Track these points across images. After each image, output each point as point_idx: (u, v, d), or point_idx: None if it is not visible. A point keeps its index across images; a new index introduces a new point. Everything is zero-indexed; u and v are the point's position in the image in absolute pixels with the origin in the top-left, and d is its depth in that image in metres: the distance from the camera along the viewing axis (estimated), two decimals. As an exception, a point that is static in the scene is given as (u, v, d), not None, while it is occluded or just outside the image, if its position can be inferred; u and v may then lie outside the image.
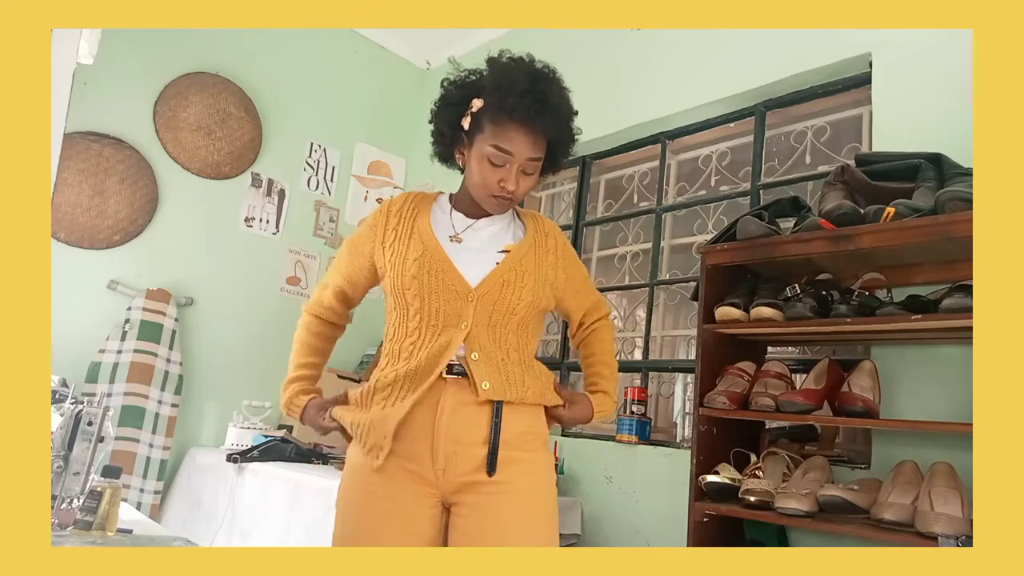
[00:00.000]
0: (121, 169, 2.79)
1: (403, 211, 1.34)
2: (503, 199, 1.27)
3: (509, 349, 1.27)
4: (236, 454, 2.51)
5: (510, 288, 1.26)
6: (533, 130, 1.23)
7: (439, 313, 1.24)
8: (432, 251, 1.26)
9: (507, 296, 1.25)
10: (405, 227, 1.32)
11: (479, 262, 1.28)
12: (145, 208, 2.85)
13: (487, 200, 1.28)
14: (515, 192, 1.26)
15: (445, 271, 1.24)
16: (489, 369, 1.22)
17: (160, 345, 2.76)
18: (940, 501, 1.41)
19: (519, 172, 1.26)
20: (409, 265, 1.26)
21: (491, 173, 1.25)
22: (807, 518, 1.54)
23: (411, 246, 1.28)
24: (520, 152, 1.24)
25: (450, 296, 1.23)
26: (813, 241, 1.64)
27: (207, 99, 3.03)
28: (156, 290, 2.80)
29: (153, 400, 2.71)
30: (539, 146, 1.26)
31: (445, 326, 1.23)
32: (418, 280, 1.24)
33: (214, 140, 3.05)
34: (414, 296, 1.24)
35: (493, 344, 1.25)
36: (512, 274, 1.28)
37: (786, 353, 2.28)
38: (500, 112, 1.21)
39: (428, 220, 1.32)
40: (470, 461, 1.18)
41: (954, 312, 1.39)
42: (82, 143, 2.71)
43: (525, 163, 1.26)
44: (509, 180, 1.25)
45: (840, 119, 2.31)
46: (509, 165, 1.24)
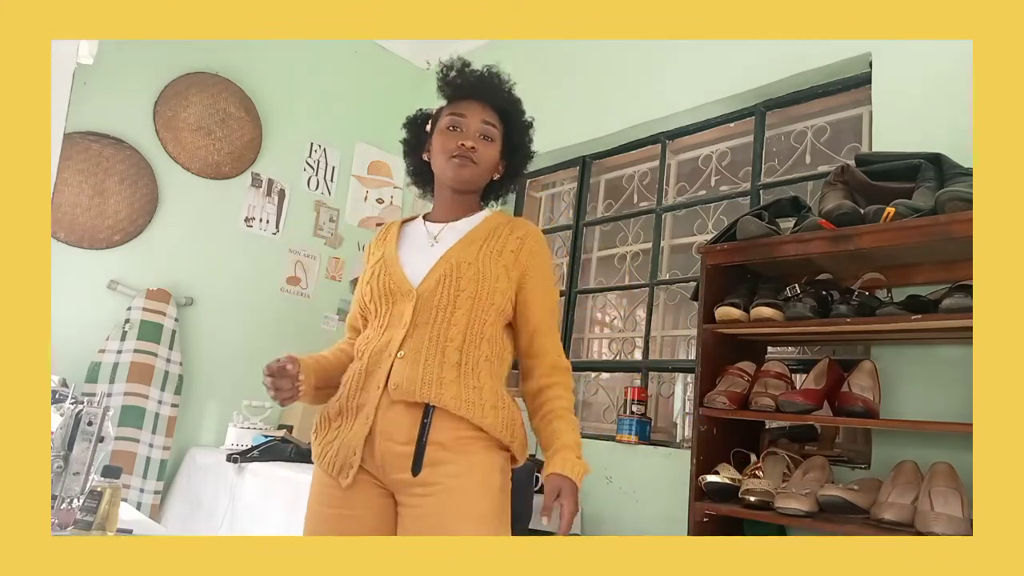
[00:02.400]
0: (121, 169, 2.79)
1: (381, 239, 1.40)
2: (463, 157, 1.29)
3: (449, 347, 1.20)
4: (236, 454, 2.51)
5: (447, 282, 1.24)
6: (480, 97, 1.33)
7: (387, 315, 1.26)
8: (386, 257, 1.31)
9: (445, 291, 1.23)
10: (378, 250, 1.38)
11: (427, 261, 1.28)
12: (145, 208, 2.85)
13: (448, 166, 1.30)
14: (476, 151, 1.29)
15: (391, 273, 1.28)
16: (406, 369, 1.18)
17: (160, 345, 2.76)
18: (940, 501, 1.41)
19: (476, 136, 1.31)
20: (369, 275, 1.32)
21: (450, 139, 1.30)
22: (807, 518, 1.54)
23: (375, 261, 1.34)
24: (472, 112, 1.31)
25: (396, 297, 1.26)
26: (813, 241, 1.64)
27: (207, 99, 3.03)
28: (156, 290, 2.80)
29: (153, 400, 2.71)
30: (490, 113, 1.33)
31: (390, 326, 1.25)
32: (370, 285, 1.29)
33: (214, 140, 3.05)
34: (369, 301, 1.29)
35: (428, 344, 1.20)
36: (447, 266, 1.25)
37: (786, 353, 2.28)
38: (448, 90, 1.34)
39: (395, 236, 1.37)
40: (400, 459, 1.16)
41: (954, 312, 1.39)
42: (82, 143, 2.71)
43: (480, 126, 1.31)
44: (467, 139, 1.29)
45: (840, 119, 2.31)
46: (464, 128, 1.31)
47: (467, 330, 1.22)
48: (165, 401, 2.75)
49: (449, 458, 1.16)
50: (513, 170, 1.43)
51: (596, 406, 2.97)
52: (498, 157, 1.36)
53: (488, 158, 1.33)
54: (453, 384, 1.18)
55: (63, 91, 1.30)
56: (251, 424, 2.84)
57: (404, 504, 1.18)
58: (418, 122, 1.43)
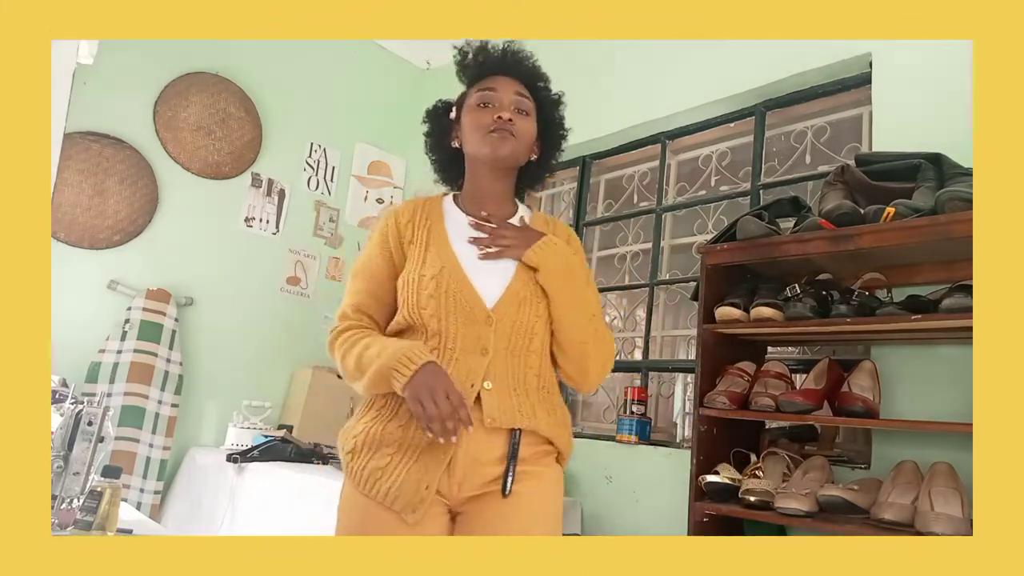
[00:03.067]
0: (121, 169, 2.79)
1: (415, 220, 1.26)
2: (500, 130, 1.21)
3: (528, 375, 1.18)
4: (236, 454, 2.51)
5: (527, 306, 1.18)
6: (508, 71, 1.26)
7: (457, 337, 1.15)
8: (450, 267, 1.18)
9: (524, 316, 1.17)
10: (419, 237, 1.24)
11: (496, 274, 1.20)
12: (145, 208, 2.85)
13: (486, 142, 1.22)
14: (513, 124, 1.21)
15: (462, 290, 1.16)
16: (497, 400, 1.14)
17: (160, 345, 2.75)
18: (940, 501, 1.41)
19: (511, 109, 1.23)
20: (426, 283, 1.17)
21: (483, 115, 1.23)
22: (807, 518, 1.54)
23: (428, 260, 1.20)
24: (503, 86, 1.24)
25: (468, 318, 1.15)
26: (813, 241, 1.64)
27: (207, 99, 3.03)
28: (156, 290, 2.80)
29: (153, 400, 2.71)
30: (521, 87, 1.26)
31: (464, 351, 1.15)
32: (435, 300, 1.16)
33: (214, 140, 3.05)
34: (431, 316, 1.16)
35: (514, 372, 1.17)
36: (526, 289, 1.19)
37: (786, 353, 2.28)
38: (476, 69, 1.27)
39: (443, 227, 1.25)
40: (484, 477, 1.13)
41: (954, 312, 1.39)
42: (82, 143, 2.71)
43: (514, 98, 1.24)
44: (503, 111, 1.22)
45: (840, 119, 2.31)
46: (497, 103, 1.23)
47: (542, 354, 1.21)
48: (165, 401, 2.75)
49: (526, 470, 1.15)
50: (550, 149, 1.34)
51: (596, 406, 2.97)
52: (535, 132, 1.28)
53: (527, 132, 1.25)
54: (540, 408, 1.18)
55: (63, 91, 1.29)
56: (251, 424, 2.84)
57: (473, 512, 1.14)
58: (439, 111, 1.34)
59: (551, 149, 1.35)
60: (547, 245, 1.22)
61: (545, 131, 1.32)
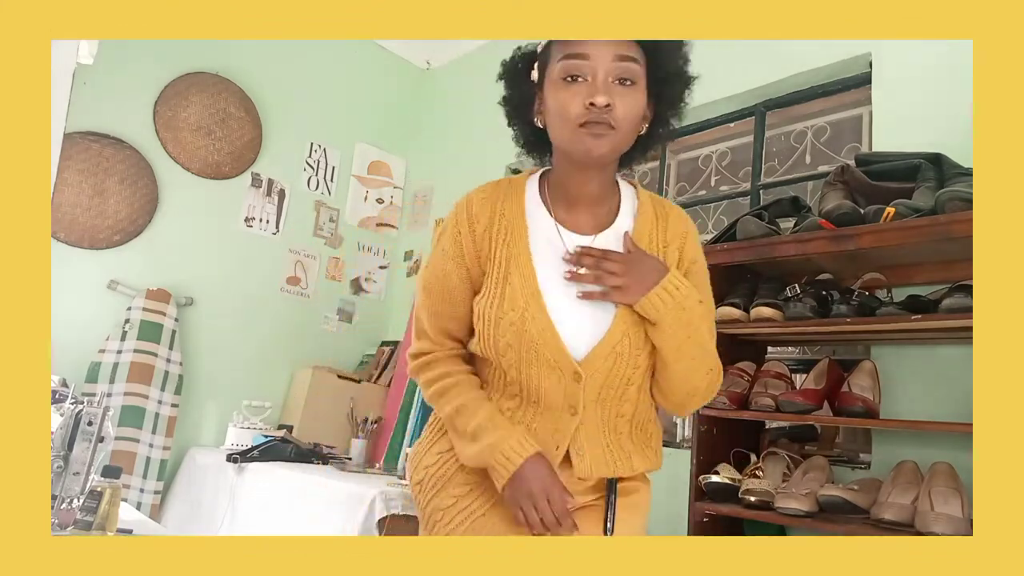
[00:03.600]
0: (121, 169, 2.79)
1: (493, 229, 1.04)
2: (595, 124, 0.93)
3: (621, 422, 1.06)
4: (236, 454, 2.51)
5: (624, 360, 1.00)
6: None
7: (540, 391, 1.01)
8: (534, 311, 0.98)
9: (620, 369, 1.00)
10: (499, 255, 1.02)
11: (590, 317, 1.00)
12: (145, 208, 2.85)
13: (575, 139, 0.95)
14: (611, 109, 0.93)
15: (546, 343, 0.98)
16: (589, 461, 1.03)
17: (160, 345, 2.75)
18: (940, 501, 1.41)
19: (609, 82, 0.94)
20: (504, 328, 0.99)
21: (571, 97, 0.94)
22: (807, 518, 1.54)
23: (507, 295, 1.00)
24: (599, 51, 0.94)
25: (552, 374, 1.00)
26: (813, 241, 1.64)
27: (207, 99, 3.03)
28: (156, 290, 2.80)
29: (153, 400, 2.71)
30: (624, 48, 0.95)
31: (549, 407, 1.02)
32: (513, 349, 0.99)
33: (214, 140, 3.05)
34: (509, 365, 1.01)
35: (603, 426, 1.04)
36: (626, 341, 0.99)
37: (786, 353, 2.28)
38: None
39: (526, 240, 1.03)
40: (574, 505, 1.02)
41: (954, 312, 1.39)
42: (82, 143, 2.71)
43: (614, 65, 0.94)
44: (597, 92, 0.93)
45: (840, 119, 2.31)
46: (591, 74, 0.94)
47: (638, 399, 1.06)
48: (165, 401, 2.75)
49: (622, 501, 1.08)
50: (665, 111, 1.04)
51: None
52: (644, 103, 0.99)
53: (631, 114, 0.96)
54: (636, 453, 1.07)
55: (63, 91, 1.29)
56: (251, 424, 2.84)
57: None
58: (519, 67, 1.06)
59: (667, 111, 1.05)
60: (668, 292, 0.98)
61: (659, 91, 1.02)
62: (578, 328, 1.00)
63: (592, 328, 1.00)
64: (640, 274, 0.99)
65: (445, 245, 1.07)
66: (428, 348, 1.10)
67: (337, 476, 2.29)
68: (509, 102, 1.08)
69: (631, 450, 1.07)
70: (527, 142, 1.11)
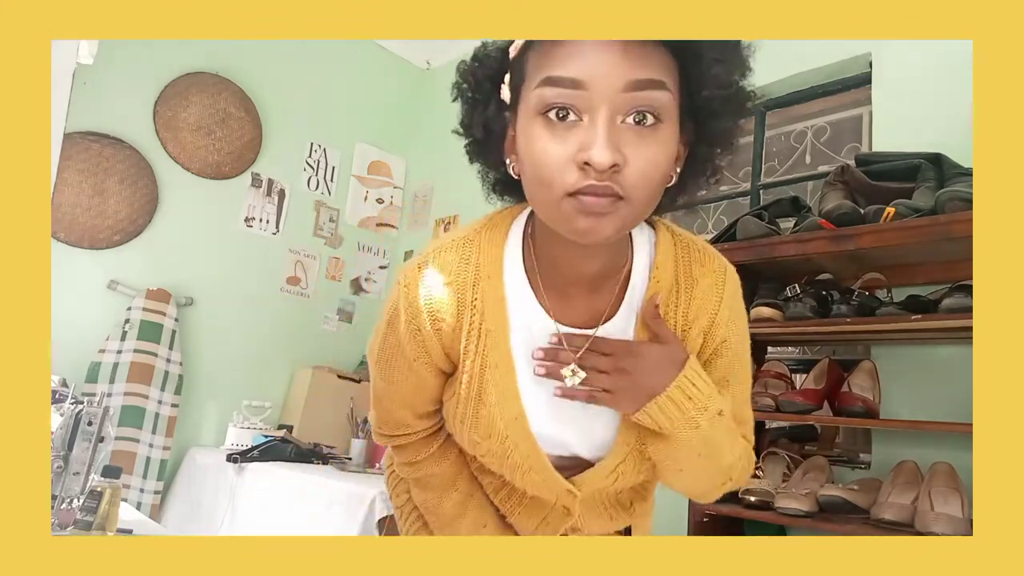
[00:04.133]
0: (121, 169, 2.79)
1: (463, 319, 0.76)
2: (592, 197, 0.61)
3: (622, 497, 0.95)
4: (236, 454, 2.51)
5: (627, 477, 0.84)
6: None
7: (530, 497, 0.89)
8: (516, 440, 0.78)
9: (623, 483, 0.87)
10: (470, 365, 0.77)
11: (586, 439, 0.82)
12: (145, 208, 2.85)
13: (561, 214, 0.64)
14: (619, 170, 0.61)
15: (532, 467, 0.80)
16: (591, 528, 0.94)
17: (160, 345, 2.75)
18: (940, 501, 1.41)
19: (613, 123, 0.61)
20: (482, 450, 0.82)
21: (553, 144, 0.62)
22: (807, 518, 1.54)
23: (481, 418, 0.78)
24: (602, 74, 0.61)
25: (542, 488, 0.85)
26: (813, 241, 1.64)
27: (207, 99, 3.03)
28: (156, 290, 2.80)
29: (153, 400, 2.71)
30: (643, 57, 0.62)
31: (539, 508, 0.90)
32: (496, 464, 0.84)
33: (214, 140, 3.05)
34: (491, 468, 0.87)
35: (601, 512, 0.93)
36: (631, 460, 0.81)
37: (786, 353, 2.28)
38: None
39: (508, 352, 0.77)
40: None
41: (954, 312, 1.39)
42: (82, 143, 2.71)
43: (623, 99, 0.61)
44: (592, 143, 0.60)
45: (840, 119, 2.31)
46: (587, 114, 0.62)
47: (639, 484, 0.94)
48: (165, 401, 2.75)
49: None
50: (709, 147, 0.71)
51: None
52: (674, 147, 0.66)
53: (653, 173, 0.63)
54: (638, 502, 0.99)
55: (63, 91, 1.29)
56: (251, 424, 2.84)
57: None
58: (479, 80, 0.73)
59: (712, 147, 0.71)
60: (676, 403, 0.72)
61: (699, 117, 0.69)
62: (569, 443, 0.81)
63: (588, 448, 0.81)
64: (642, 373, 0.72)
65: (403, 343, 0.79)
66: (396, 431, 0.89)
67: (337, 476, 2.29)
68: (467, 131, 0.76)
69: (635, 513, 0.99)
70: (497, 182, 0.80)
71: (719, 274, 0.78)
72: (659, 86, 0.63)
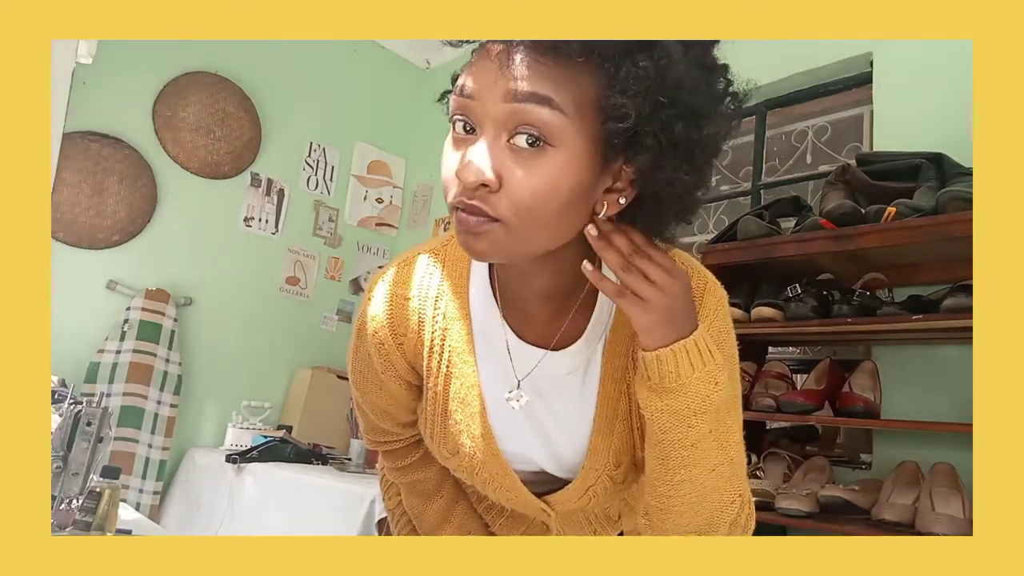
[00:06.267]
0: (120, 169, 2.79)
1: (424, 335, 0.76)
2: (461, 213, 0.58)
3: (611, 511, 0.94)
4: (235, 454, 2.51)
5: (601, 499, 0.82)
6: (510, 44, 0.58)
7: (508, 513, 0.92)
8: (483, 458, 0.77)
9: (596, 504, 0.84)
10: (433, 383, 0.76)
11: (555, 459, 0.79)
12: (144, 208, 2.85)
13: (455, 227, 0.62)
14: (492, 190, 0.56)
15: (502, 485, 0.80)
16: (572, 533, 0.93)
17: (159, 345, 2.75)
18: (941, 501, 1.41)
19: (496, 139, 0.57)
20: (453, 464, 0.82)
21: (448, 156, 0.61)
22: (808, 518, 1.54)
23: (449, 434, 0.77)
24: (485, 82, 0.57)
25: (517, 504, 0.85)
26: (814, 241, 1.64)
27: (206, 99, 3.03)
28: (155, 290, 2.80)
29: (152, 400, 2.70)
30: (534, 71, 0.56)
31: (517, 522, 0.92)
32: (467, 479, 0.83)
33: (213, 140, 3.05)
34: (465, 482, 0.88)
35: (584, 524, 0.92)
36: (603, 480, 0.78)
37: (787, 353, 2.28)
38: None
39: (473, 368, 0.75)
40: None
41: (955, 312, 1.39)
42: (81, 143, 2.71)
43: (503, 110, 0.56)
44: (472, 159, 0.57)
45: (841, 118, 2.31)
46: (479, 128, 0.58)
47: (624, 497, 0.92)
48: (164, 401, 2.75)
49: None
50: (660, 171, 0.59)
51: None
52: (582, 173, 0.58)
53: (537, 195, 0.56)
54: (626, 514, 0.96)
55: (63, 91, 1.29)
56: (250, 424, 2.84)
57: None
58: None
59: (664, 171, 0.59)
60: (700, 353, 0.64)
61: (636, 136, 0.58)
62: (541, 466, 0.79)
63: (557, 468, 0.78)
64: (678, 308, 0.63)
65: (372, 356, 0.78)
66: (381, 438, 0.90)
67: (337, 476, 2.29)
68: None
69: (622, 510, 0.96)
70: None
71: (696, 292, 0.73)
72: (542, 101, 0.55)
